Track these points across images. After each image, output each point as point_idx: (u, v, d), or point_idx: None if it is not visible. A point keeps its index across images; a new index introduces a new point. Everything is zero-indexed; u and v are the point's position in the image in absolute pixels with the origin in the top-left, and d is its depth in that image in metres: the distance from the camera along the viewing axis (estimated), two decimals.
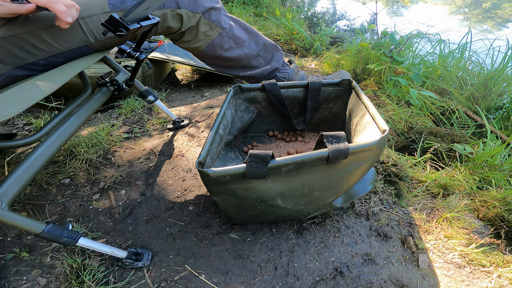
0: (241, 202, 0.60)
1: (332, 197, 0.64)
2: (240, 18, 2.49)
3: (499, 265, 0.69)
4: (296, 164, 0.53)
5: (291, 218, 0.73)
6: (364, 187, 0.74)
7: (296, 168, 0.54)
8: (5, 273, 0.67)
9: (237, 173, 0.52)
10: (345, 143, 0.53)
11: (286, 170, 0.54)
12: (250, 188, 0.55)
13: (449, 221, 0.78)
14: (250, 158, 0.52)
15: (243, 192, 0.56)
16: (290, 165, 0.53)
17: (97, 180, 0.91)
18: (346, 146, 0.53)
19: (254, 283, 0.65)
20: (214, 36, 0.88)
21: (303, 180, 0.57)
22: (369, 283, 0.64)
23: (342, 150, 0.52)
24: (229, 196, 0.58)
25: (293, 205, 0.62)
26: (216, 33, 0.87)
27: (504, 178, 1.00)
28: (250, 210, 0.63)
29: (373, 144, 0.54)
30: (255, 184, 0.55)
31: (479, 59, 1.85)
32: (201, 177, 0.55)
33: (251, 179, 0.53)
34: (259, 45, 0.98)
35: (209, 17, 0.84)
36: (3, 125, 1.25)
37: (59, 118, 0.74)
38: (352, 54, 1.61)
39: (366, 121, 0.68)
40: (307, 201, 0.63)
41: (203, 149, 0.60)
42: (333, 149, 0.52)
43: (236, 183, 0.54)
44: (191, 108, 1.28)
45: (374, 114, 0.64)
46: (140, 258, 0.68)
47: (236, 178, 0.53)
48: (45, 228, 0.51)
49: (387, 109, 1.33)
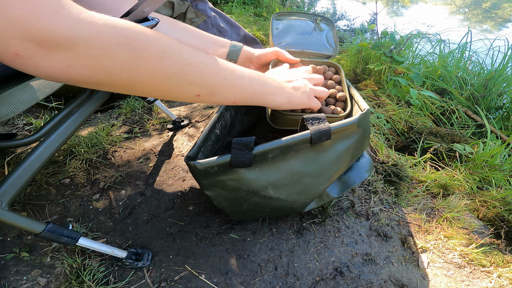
0: (233, 195, 0.60)
1: (324, 183, 0.64)
2: (240, 18, 2.49)
3: (499, 265, 0.69)
4: (280, 148, 0.54)
5: (287, 211, 0.72)
6: (360, 175, 0.74)
7: (282, 153, 0.55)
8: (5, 273, 0.67)
9: (223, 162, 0.53)
10: (325, 123, 0.54)
11: (272, 156, 0.54)
12: (240, 178, 0.56)
13: (449, 221, 0.78)
14: (234, 145, 0.52)
15: (233, 183, 0.57)
16: (275, 150, 0.54)
17: (97, 180, 0.91)
18: (327, 126, 0.54)
19: (254, 283, 0.65)
20: (199, 22, 0.94)
21: (292, 166, 0.57)
22: (369, 283, 0.64)
23: (324, 130, 0.53)
24: (221, 190, 0.58)
25: (286, 195, 0.62)
26: (201, 20, 0.94)
27: (504, 178, 1.00)
28: (244, 204, 0.63)
29: (353, 122, 0.56)
30: (244, 174, 0.56)
31: (479, 59, 1.85)
32: (191, 171, 0.56)
33: (237, 168, 0.54)
34: (240, 36, 1.04)
35: (196, 6, 0.91)
36: (3, 125, 1.25)
37: (58, 118, 0.74)
38: (352, 54, 1.61)
39: (355, 110, 0.68)
40: (299, 190, 0.63)
41: (194, 145, 0.61)
42: (314, 130, 0.53)
43: (225, 174, 0.55)
44: (191, 108, 1.28)
45: (358, 99, 0.65)
46: (140, 258, 0.68)
47: (224, 168, 0.54)
48: (45, 228, 0.51)
49: (387, 109, 1.33)
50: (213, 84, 0.46)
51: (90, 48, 0.32)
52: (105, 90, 0.39)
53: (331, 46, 0.83)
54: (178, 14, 0.88)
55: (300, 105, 0.60)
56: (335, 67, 0.78)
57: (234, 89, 0.49)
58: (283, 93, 0.57)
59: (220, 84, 0.46)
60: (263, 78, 0.54)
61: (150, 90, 0.41)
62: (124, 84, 0.38)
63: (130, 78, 0.37)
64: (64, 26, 0.29)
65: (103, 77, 0.35)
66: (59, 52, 0.30)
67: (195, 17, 0.92)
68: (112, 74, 0.35)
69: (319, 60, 0.79)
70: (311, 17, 0.89)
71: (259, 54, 0.72)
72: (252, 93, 0.52)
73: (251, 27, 2.27)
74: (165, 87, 0.41)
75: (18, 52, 0.28)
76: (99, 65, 0.33)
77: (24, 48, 0.28)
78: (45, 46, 0.29)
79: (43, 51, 0.29)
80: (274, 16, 0.88)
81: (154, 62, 0.37)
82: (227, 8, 2.76)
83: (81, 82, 0.35)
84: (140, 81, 0.38)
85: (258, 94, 0.53)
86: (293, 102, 0.58)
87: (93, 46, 0.32)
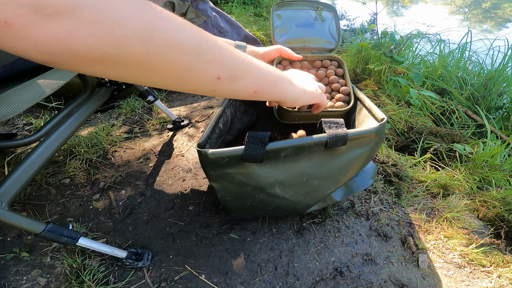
0: (239, 189, 0.59)
1: (331, 187, 0.64)
2: (240, 18, 2.49)
3: (499, 265, 0.69)
4: (294, 148, 0.53)
5: (290, 211, 0.72)
6: (365, 181, 0.74)
7: (295, 152, 0.54)
8: (5, 273, 0.67)
9: (235, 154, 0.52)
10: (343, 128, 0.53)
11: (284, 155, 0.54)
12: (249, 173, 0.55)
13: (449, 221, 0.78)
14: (248, 138, 0.51)
15: (241, 178, 0.56)
16: (288, 149, 0.53)
17: (97, 180, 0.91)
18: (345, 131, 0.52)
19: (254, 283, 0.65)
20: (200, 23, 0.94)
21: (302, 167, 0.57)
22: (369, 283, 0.64)
23: (341, 136, 0.52)
24: (228, 183, 0.57)
25: (292, 194, 0.62)
26: (201, 20, 0.94)
27: (504, 178, 1.00)
28: (249, 200, 0.62)
29: (372, 131, 0.55)
30: (253, 170, 0.55)
31: (479, 59, 1.85)
32: (200, 159, 0.54)
33: (249, 162, 0.53)
34: (241, 36, 1.03)
35: (196, 6, 0.91)
36: (3, 125, 1.25)
37: (58, 118, 0.74)
38: (352, 54, 1.61)
39: (363, 115, 0.68)
40: (306, 191, 0.62)
41: (204, 134, 0.60)
42: (331, 134, 0.52)
43: (235, 167, 0.54)
44: (190, 108, 1.28)
45: (371, 106, 0.65)
46: (140, 258, 0.68)
47: (235, 161, 0.53)
48: (45, 228, 0.51)
49: (387, 109, 1.33)
50: (233, 64, 0.41)
51: (101, 13, 0.26)
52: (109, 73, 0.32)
53: (334, 38, 0.82)
54: (178, 15, 0.89)
55: (313, 99, 0.58)
56: (338, 61, 0.78)
57: (254, 73, 0.45)
58: (297, 84, 0.55)
59: (240, 66, 0.42)
60: (276, 69, 0.52)
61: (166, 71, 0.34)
62: (136, 61, 0.31)
63: (145, 51, 0.31)
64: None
65: (112, 49, 0.29)
66: (61, 18, 0.25)
67: (195, 17, 0.92)
68: (123, 45, 0.29)
69: (322, 54, 0.79)
70: (312, 6, 0.86)
71: (263, 53, 0.72)
72: (271, 81, 0.48)
73: (251, 27, 2.27)
74: (184, 65, 0.35)
75: (8, 20, 0.23)
76: (108, 33, 0.27)
77: (16, 15, 0.23)
78: (44, 13, 0.24)
79: (40, 17, 0.24)
80: (274, 7, 0.84)
81: (173, 32, 0.32)
82: (227, 8, 2.76)
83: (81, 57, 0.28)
84: (156, 56, 0.32)
85: (277, 82, 0.50)
86: (308, 94, 0.56)
87: (105, 10, 0.27)
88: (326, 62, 0.78)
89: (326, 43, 0.81)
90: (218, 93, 0.43)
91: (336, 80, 0.73)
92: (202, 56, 0.36)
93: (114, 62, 0.30)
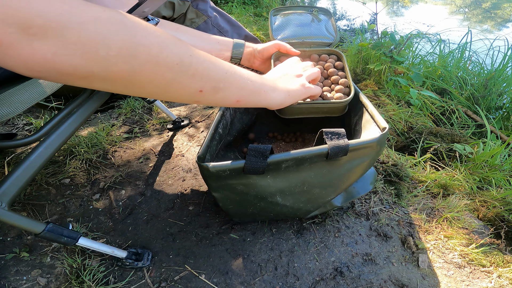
0: (240, 198, 0.59)
1: (332, 195, 0.64)
2: (240, 18, 2.49)
3: (499, 265, 0.69)
4: (295, 160, 0.53)
5: (290, 216, 0.73)
6: (365, 187, 0.74)
7: (296, 164, 0.54)
8: (5, 273, 0.67)
9: (236, 167, 0.52)
10: (344, 139, 0.53)
11: (285, 166, 0.54)
12: (250, 184, 0.55)
13: (449, 221, 0.78)
14: (250, 152, 0.51)
15: (242, 188, 0.56)
16: (289, 161, 0.53)
17: (97, 180, 0.91)
18: (346, 142, 0.53)
19: (254, 283, 0.65)
20: (200, 23, 0.93)
21: (303, 177, 0.57)
22: (369, 283, 0.64)
23: (342, 147, 0.52)
24: (229, 192, 0.58)
25: (292, 202, 0.62)
26: (201, 20, 0.93)
27: (504, 178, 1.00)
28: (250, 207, 0.63)
29: (373, 141, 0.54)
30: (254, 180, 0.55)
31: (479, 59, 1.85)
32: (201, 171, 0.55)
33: (250, 174, 0.53)
34: (241, 36, 1.03)
35: (196, 6, 0.90)
36: (3, 125, 1.25)
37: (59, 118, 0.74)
38: (352, 54, 1.61)
39: (365, 119, 0.68)
40: (306, 199, 0.63)
41: (203, 144, 0.60)
42: (332, 145, 0.52)
43: (236, 179, 0.54)
44: (190, 108, 1.28)
45: (373, 112, 0.64)
46: (140, 258, 0.68)
47: (236, 173, 0.53)
48: (45, 228, 0.51)
49: (387, 109, 1.33)
50: (216, 77, 0.43)
51: (85, 33, 0.28)
52: (96, 86, 0.33)
53: (331, 34, 0.83)
54: (178, 15, 0.88)
55: (300, 96, 0.59)
56: (337, 54, 0.78)
57: (236, 84, 0.46)
58: (281, 87, 0.55)
59: (222, 78, 0.44)
60: (260, 76, 0.53)
61: (149, 85, 0.36)
62: (120, 77, 0.33)
63: (128, 69, 0.32)
64: (56, 9, 0.26)
65: (96, 68, 0.30)
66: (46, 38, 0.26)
67: (195, 17, 0.92)
68: (107, 64, 0.30)
69: (320, 48, 0.79)
70: (308, 9, 0.89)
71: (261, 49, 0.73)
72: (253, 90, 0.50)
73: (251, 27, 2.27)
74: (167, 80, 0.37)
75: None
76: (92, 52, 0.29)
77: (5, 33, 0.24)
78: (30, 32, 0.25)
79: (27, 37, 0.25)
80: (272, 11, 0.88)
81: (156, 49, 0.34)
82: (227, 8, 2.76)
83: (67, 75, 0.30)
84: (140, 73, 0.34)
85: (260, 91, 0.51)
86: (293, 94, 0.57)
87: (89, 31, 0.28)
88: (325, 56, 0.77)
89: (324, 38, 0.82)
90: (201, 103, 0.45)
91: (335, 72, 0.73)
92: (184, 72, 0.38)
93: (99, 78, 0.32)
